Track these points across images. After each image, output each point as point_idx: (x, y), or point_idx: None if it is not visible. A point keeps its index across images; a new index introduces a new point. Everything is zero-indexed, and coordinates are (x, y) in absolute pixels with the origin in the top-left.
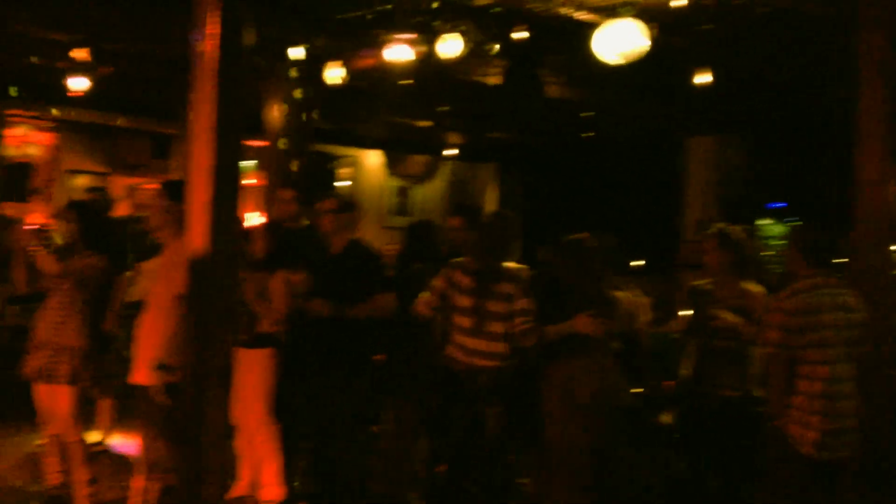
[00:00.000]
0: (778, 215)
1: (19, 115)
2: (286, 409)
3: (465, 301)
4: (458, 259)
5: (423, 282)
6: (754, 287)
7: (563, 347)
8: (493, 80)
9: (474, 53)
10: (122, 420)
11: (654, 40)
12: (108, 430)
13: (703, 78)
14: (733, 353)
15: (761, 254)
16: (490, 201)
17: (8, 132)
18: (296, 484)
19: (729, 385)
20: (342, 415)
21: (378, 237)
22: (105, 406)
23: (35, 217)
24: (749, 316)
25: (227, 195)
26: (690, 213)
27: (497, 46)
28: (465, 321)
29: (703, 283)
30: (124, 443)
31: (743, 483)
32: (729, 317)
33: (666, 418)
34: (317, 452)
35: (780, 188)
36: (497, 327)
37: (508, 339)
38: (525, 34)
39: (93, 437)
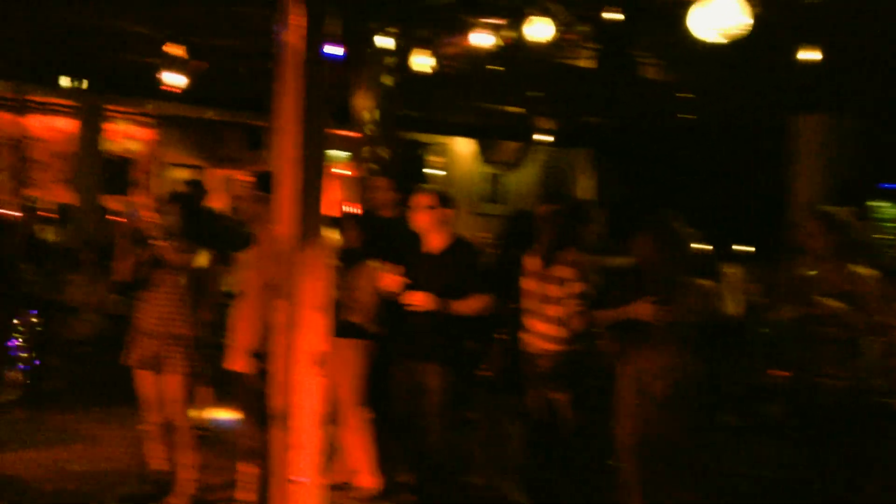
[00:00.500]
0: (892, 197)
1: (118, 111)
2: (383, 398)
3: (529, 284)
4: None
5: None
6: (865, 271)
7: (635, 336)
8: (586, 62)
9: (565, 36)
10: (220, 406)
11: (757, 15)
12: (208, 415)
13: (810, 54)
14: (840, 341)
15: (874, 236)
16: (585, 187)
17: (108, 127)
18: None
19: (836, 374)
20: (439, 403)
21: (469, 225)
22: (203, 392)
23: (143, 210)
24: (857, 302)
25: (312, 185)
26: (799, 196)
27: (588, 28)
28: (528, 304)
29: (809, 269)
30: (224, 428)
31: (854, 474)
32: (831, 303)
33: (773, 408)
34: (414, 441)
35: (894, 168)
36: (554, 310)
37: (564, 322)
38: (618, 14)
39: (195, 422)
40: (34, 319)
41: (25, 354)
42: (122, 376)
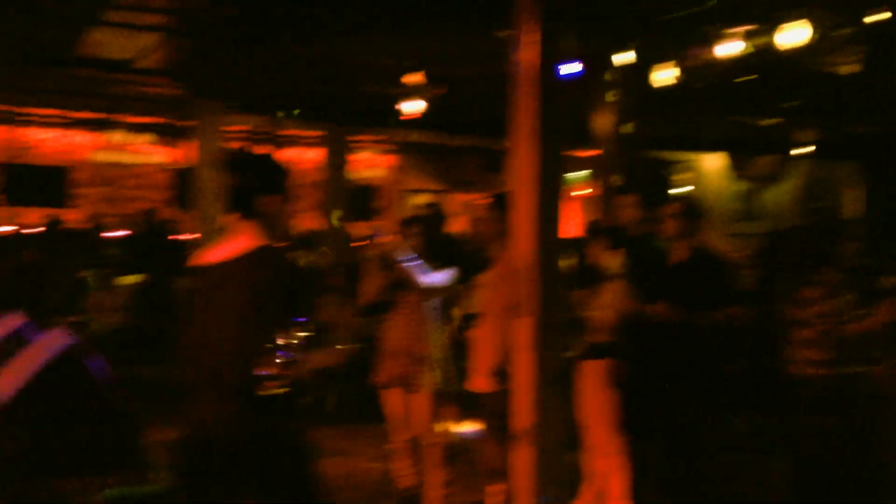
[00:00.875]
0: None
1: (362, 140)
2: (634, 421)
3: (785, 306)
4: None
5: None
6: None
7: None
8: (849, 68)
9: (824, 40)
10: (465, 425)
11: None
12: (454, 433)
13: None
14: None
15: None
16: (850, 202)
17: (352, 157)
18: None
19: None
20: (692, 427)
21: (721, 243)
22: (449, 411)
23: (386, 235)
24: None
25: (550, 203)
26: None
27: (850, 30)
28: (787, 327)
29: None
30: (470, 447)
31: None
32: None
33: None
34: (667, 466)
35: None
36: (811, 333)
37: (823, 344)
38: (883, 13)
39: (442, 440)
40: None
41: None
42: (371, 395)
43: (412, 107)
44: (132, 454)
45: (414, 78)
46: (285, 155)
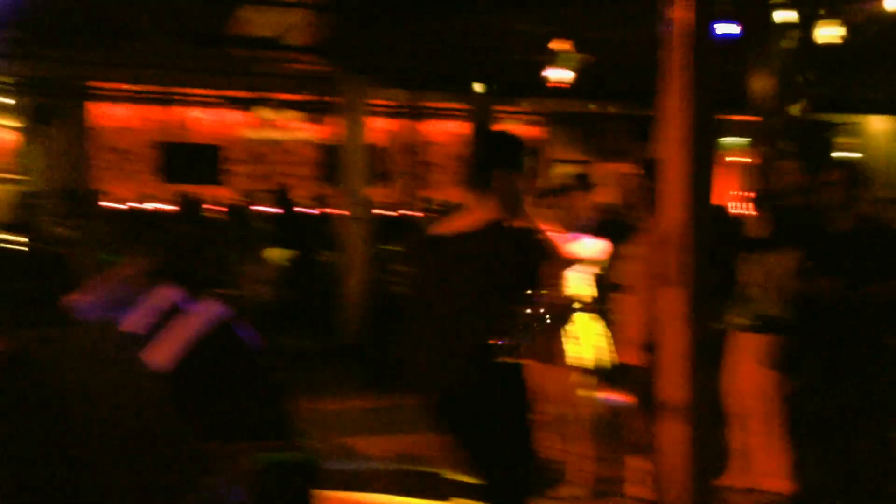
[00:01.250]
0: None
1: (508, 110)
2: (794, 397)
3: None
4: None
5: None
6: None
7: None
8: None
9: None
10: (612, 398)
11: None
12: (601, 407)
13: None
14: None
15: None
16: None
17: (498, 128)
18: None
19: None
20: (854, 406)
21: (889, 211)
22: (595, 384)
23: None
24: None
25: (701, 167)
26: None
27: None
28: None
29: None
30: (616, 421)
31: None
32: None
33: None
34: (828, 445)
35: None
36: None
37: None
38: None
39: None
40: None
41: None
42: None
43: (559, 75)
44: (282, 422)
45: (561, 45)
46: (429, 128)
